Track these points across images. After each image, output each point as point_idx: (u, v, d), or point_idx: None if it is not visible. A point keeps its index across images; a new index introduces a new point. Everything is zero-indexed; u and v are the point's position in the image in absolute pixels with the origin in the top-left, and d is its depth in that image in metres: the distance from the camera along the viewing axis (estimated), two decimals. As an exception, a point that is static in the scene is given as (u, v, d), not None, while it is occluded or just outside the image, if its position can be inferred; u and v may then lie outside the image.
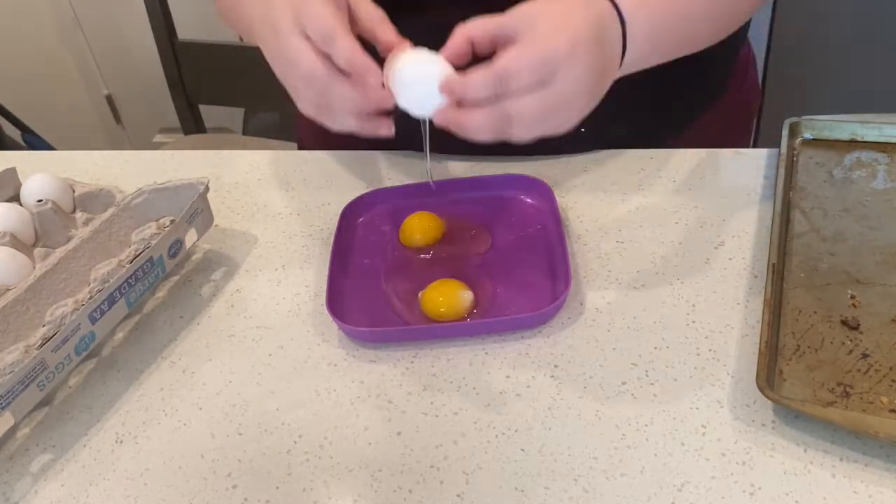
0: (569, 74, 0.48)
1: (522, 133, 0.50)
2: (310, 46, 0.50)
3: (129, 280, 0.57)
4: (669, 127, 0.75)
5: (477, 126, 0.49)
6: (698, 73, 0.73)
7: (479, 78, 0.48)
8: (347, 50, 0.49)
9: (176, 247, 0.61)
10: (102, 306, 0.55)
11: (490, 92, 0.48)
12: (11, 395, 0.49)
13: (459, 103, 0.50)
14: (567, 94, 0.49)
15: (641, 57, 0.55)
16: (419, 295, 0.57)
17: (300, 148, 0.89)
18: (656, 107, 0.73)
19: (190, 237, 0.63)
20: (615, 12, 0.52)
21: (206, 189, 0.64)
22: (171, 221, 0.64)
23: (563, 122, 0.51)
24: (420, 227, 0.63)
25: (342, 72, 0.51)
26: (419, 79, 0.50)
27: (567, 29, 0.48)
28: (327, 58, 0.50)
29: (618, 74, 0.54)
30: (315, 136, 0.84)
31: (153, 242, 0.60)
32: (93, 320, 0.54)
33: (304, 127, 0.88)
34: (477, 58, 0.51)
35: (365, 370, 0.54)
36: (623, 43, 0.53)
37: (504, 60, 0.48)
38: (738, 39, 0.76)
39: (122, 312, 0.57)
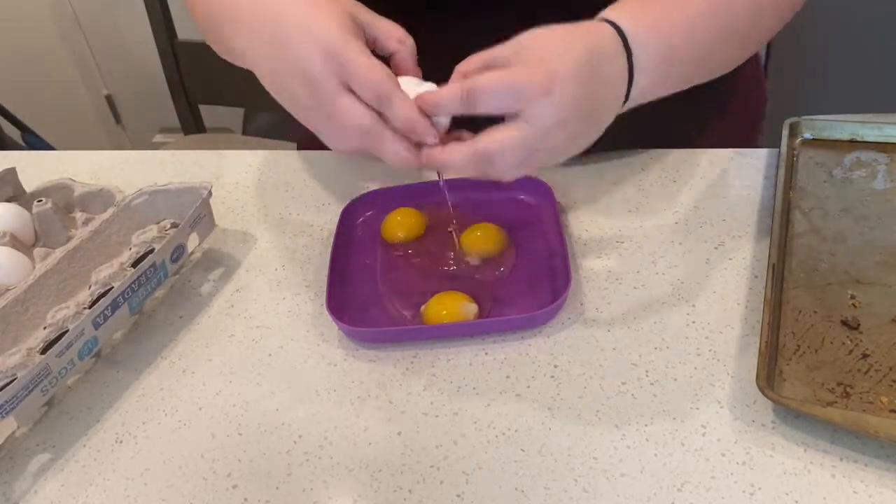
0: (544, 109, 0.46)
1: (504, 173, 0.49)
2: (358, 101, 0.48)
3: (133, 285, 0.57)
4: (669, 140, 0.74)
5: (455, 163, 0.48)
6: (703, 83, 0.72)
7: (445, 91, 0.48)
8: (406, 111, 0.48)
9: (178, 252, 0.61)
10: (106, 312, 0.55)
11: (458, 106, 0.47)
12: (16, 401, 0.49)
13: (443, 141, 0.49)
14: (545, 129, 0.47)
15: (652, 86, 0.53)
16: (422, 309, 0.57)
17: (300, 147, 0.89)
18: (661, 119, 0.72)
19: (191, 241, 0.63)
20: (620, 42, 0.50)
21: (209, 194, 0.63)
22: (173, 224, 0.64)
23: (546, 161, 0.49)
24: (404, 224, 0.63)
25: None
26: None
27: (549, 62, 0.47)
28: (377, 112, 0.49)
29: (624, 108, 0.52)
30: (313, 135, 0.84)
31: (155, 246, 0.60)
32: (96, 325, 0.54)
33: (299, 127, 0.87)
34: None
35: (365, 370, 0.54)
36: (630, 75, 0.51)
37: (474, 78, 0.47)
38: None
39: (126, 317, 0.57)
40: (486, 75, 0.47)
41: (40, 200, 0.65)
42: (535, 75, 0.46)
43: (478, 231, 0.62)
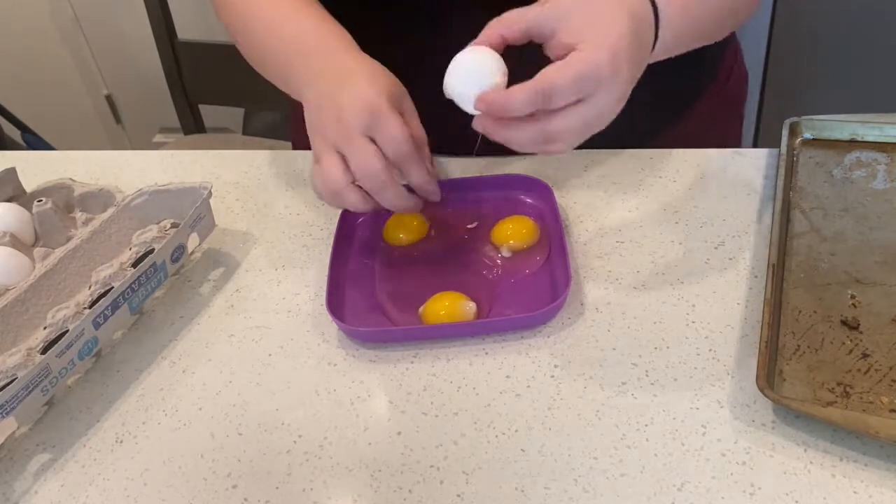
0: (612, 88, 0.48)
1: (561, 148, 0.51)
2: (376, 150, 0.54)
3: (133, 285, 0.57)
4: (668, 112, 0.76)
5: (519, 142, 0.50)
6: (692, 62, 0.73)
7: (520, 96, 0.48)
8: (421, 177, 0.57)
9: (178, 252, 0.61)
10: (106, 312, 0.55)
11: (531, 109, 0.48)
12: (16, 401, 0.49)
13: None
14: (606, 106, 0.49)
15: (667, 44, 0.55)
16: (420, 310, 0.57)
17: (295, 148, 0.89)
18: (652, 95, 0.73)
19: (192, 241, 0.63)
20: (648, 1, 0.52)
21: (209, 194, 0.63)
22: (173, 224, 0.64)
23: (598, 130, 0.51)
24: (406, 227, 0.63)
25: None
26: (471, 77, 0.50)
27: (605, 34, 0.48)
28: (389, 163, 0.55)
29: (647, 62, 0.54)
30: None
31: (155, 246, 0.60)
32: (96, 326, 0.54)
33: (299, 127, 0.87)
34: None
35: (365, 370, 0.54)
36: (655, 29, 0.53)
37: (546, 78, 0.47)
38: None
39: (126, 317, 0.57)
40: (556, 73, 0.47)
41: (40, 200, 0.65)
42: (601, 57, 0.47)
43: (510, 223, 0.62)
